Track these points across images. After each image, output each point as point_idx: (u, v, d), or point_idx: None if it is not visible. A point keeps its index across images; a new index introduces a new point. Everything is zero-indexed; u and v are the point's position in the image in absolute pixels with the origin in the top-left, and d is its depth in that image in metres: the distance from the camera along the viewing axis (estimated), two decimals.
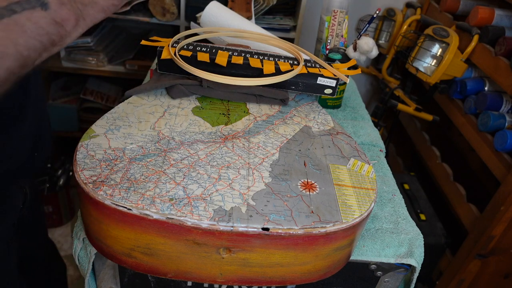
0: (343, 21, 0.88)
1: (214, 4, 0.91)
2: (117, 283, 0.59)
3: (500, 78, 1.04)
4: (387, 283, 0.60)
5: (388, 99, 1.41)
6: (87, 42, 1.46)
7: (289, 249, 0.45)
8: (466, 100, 1.18)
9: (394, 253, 0.57)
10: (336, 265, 0.50)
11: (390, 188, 0.68)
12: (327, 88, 0.69)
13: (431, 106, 1.41)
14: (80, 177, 0.46)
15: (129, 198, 0.44)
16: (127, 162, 0.49)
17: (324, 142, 0.59)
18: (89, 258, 0.54)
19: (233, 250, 0.45)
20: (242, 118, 0.62)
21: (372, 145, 0.77)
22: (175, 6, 1.34)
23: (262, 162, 0.53)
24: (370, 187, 0.52)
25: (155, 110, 0.61)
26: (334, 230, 0.45)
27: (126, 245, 0.46)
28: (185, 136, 0.56)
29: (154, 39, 0.69)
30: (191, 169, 0.50)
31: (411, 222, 0.62)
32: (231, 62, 0.66)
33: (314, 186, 0.50)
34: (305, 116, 0.65)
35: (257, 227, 0.43)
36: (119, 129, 0.55)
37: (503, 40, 1.05)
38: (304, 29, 1.54)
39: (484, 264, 1.11)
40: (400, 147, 1.71)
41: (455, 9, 1.34)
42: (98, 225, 0.46)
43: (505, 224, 1.00)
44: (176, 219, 0.43)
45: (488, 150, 1.05)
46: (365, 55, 0.86)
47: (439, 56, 1.23)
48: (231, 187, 0.48)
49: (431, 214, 1.23)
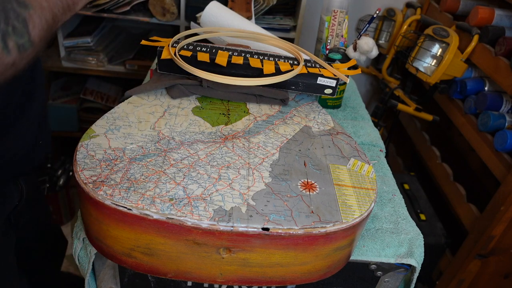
0: (343, 21, 0.88)
1: (214, 4, 0.91)
2: (117, 283, 0.59)
3: (500, 78, 1.04)
4: (387, 283, 0.60)
5: (388, 99, 1.40)
6: (87, 42, 1.46)
7: (289, 249, 0.45)
8: (466, 100, 1.18)
9: (394, 253, 0.57)
10: (336, 265, 0.50)
11: (390, 188, 0.68)
12: (327, 88, 0.69)
13: (431, 106, 1.41)
14: (80, 177, 0.46)
15: (129, 198, 0.44)
16: (127, 162, 0.49)
17: (324, 142, 0.59)
18: (89, 258, 0.54)
19: (233, 250, 0.45)
20: (242, 118, 0.62)
21: (372, 145, 0.77)
22: (175, 6, 1.34)
23: (262, 162, 0.53)
24: (370, 187, 0.52)
25: (155, 110, 0.61)
26: (334, 230, 0.45)
27: (126, 245, 0.46)
28: (185, 136, 0.56)
29: (154, 39, 0.69)
30: (191, 169, 0.50)
31: (411, 222, 0.62)
32: (231, 62, 0.66)
33: (314, 186, 0.50)
34: (305, 116, 0.65)
35: (257, 227, 0.43)
36: (119, 129, 0.55)
37: (503, 40, 1.05)
38: (304, 29, 1.54)
39: (484, 264, 1.11)
40: (400, 147, 1.71)
41: (455, 9, 1.34)
42: (98, 225, 0.46)
43: (505, 224, 1.00)
44: (176, 219, 0.43)
45: (488, 150, 1.05)
46: (365, 55, 0.86)
47: (439, 56, 1.23)
48: (231, 187, 0.48)
49: (431, 214, 1.23)
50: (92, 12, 1.37)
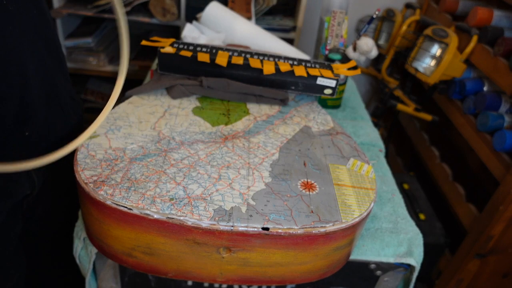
0: (343, 22, 0.89)
1: (214, 4, 0.91)
2: (118, 282, 0.59)
3: (499, 78, 1.04)
4: (387, 283, 0.60)
5: (388, 99, 1.41)
6: (87, 43, 1.46)
7: (289, 249, 0.45)
8: (465, 100, 1.19)
9: (393, 252, 0.57)
10: (335, 265, 0.51)
11: (389, 188, 0.68)
12: (326, 88, 0.69)
13: (430, 106, 1.41)
14: (81, 177, 0.46)
15: (130, 198, 0.44)
16: (127, 162, 0.50)
17: (324, 142, 0.59)
18: (90, 257, 0.54)
19: (233, 250, 0.45)
20: (242, 118, 0.62)
21: (372, 145, 0.77)
22: (175, 6, 1.35)
23: (262, 162, 0.53)
24: (370, 187, 0.52)
25: (156, 110, 0.61)
26: (333, 229, 0.45)
27: (126, 244, 0.46)
28: (185, 136, 0.56)
29: (155, 39, 0.69)
30: (191, 169, 0.50)
31: (410, 221, 0.62)
32: (231, 62, 0.66)
33: (314, 186, 0.50)
34: (305, 116, 0.65)
35: (257, 226, 0.44)
36: (120, 129, 0.55)
37: (502, 41, 1.06)
38: (304, 29, 1.55)
39: (483, 264, 1.11)
40: (400, 147, 1.71)
41: (454, 9, 1.34)
42: (98, 225, 0.47)
43: (504, 224, 1.00)
44: (176, 219, 0.43)
45: (487, 150, 1.06)
46: (365, 55, 0.86)
47: (438, 57, 1.23)
48: (231, 187, 0.48)
49: (430, 213, 1.24)
50: (93, 13, 1.37)
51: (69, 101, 0.66)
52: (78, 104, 0.70)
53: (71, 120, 0.66)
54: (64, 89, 0.64)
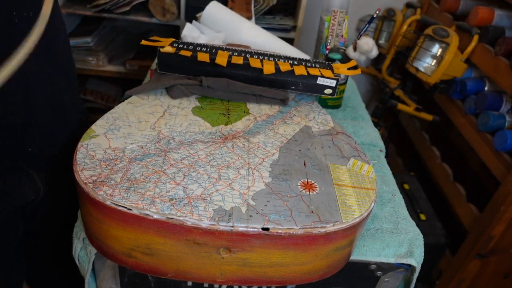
0: (343, 21, 0.88)
1: (214, 4, 0.91)
2: (117, 283, 0.59)
3: (500, 78, 1.04)
4: (387, 283, 0.60)
5: (388, 99, 1.41)
6: (87, 42, 1.46)
7: (289, 249, 0.45)
8: (466, 100, 1.18)
9: (394, 253, 0.57)
10: (336, 265, 0.50)
11: (390, 188, 0.68)
12: (327, 88, 0.69)
13: (431, 106, 1.41)
14: (80, 177, 0.46)
15: (129, 198, 0.44)
16: (127, 162, 0.49)
17: (324, 142, 0.59)
18: (89, 258, 0.54)
19: (233, 250, 0.45)
20: (242, 118, 0.62)
21: (372, 145, 0.77)
22: (175, 6, 1.34)
23: (262, 162, 0.53)
24: (370, 187, 0.52)
25: (155, 110, 0.61)
26: (334, 230, 0.45)
27: (126, 245, 0.46)
28: (185, 136, 0.56)
29: (154, 39, 0.69)
30: (191, 169, 0.50)
31: (411, 222, 0.62)
32: (231, 62, 0.66)
33: (314, 186, 0.50)
34: (305, 116, 0.65)
35: (257, 227, 0.43)
36: (119, 129, 0.55)
37: (503, 40, 1.05)
38: (304, 29, 1.54)
39: (484, 264, 1.11)
40: (400, 147, 1.71)
41: (455, 9, 1.34)
42: (98, 225, 0.46)
43: (505, 224, 1.00)
44: (176, 219, 0.43)
45: (488, 150, 1.05)
46: (365, 55, 0.86)
47: (439, 56, 1.23)
48: (231, 187, 0.48)
49: (431, 214, 1.23)
50: (92, 12, 1.37)
51: (74, 114, 0.66)
52: (83, 116, 0.70)
53: (74, 133, 0.65)
54: (70, 101, 0.63)
